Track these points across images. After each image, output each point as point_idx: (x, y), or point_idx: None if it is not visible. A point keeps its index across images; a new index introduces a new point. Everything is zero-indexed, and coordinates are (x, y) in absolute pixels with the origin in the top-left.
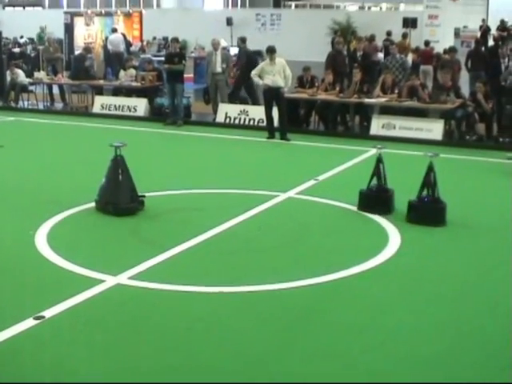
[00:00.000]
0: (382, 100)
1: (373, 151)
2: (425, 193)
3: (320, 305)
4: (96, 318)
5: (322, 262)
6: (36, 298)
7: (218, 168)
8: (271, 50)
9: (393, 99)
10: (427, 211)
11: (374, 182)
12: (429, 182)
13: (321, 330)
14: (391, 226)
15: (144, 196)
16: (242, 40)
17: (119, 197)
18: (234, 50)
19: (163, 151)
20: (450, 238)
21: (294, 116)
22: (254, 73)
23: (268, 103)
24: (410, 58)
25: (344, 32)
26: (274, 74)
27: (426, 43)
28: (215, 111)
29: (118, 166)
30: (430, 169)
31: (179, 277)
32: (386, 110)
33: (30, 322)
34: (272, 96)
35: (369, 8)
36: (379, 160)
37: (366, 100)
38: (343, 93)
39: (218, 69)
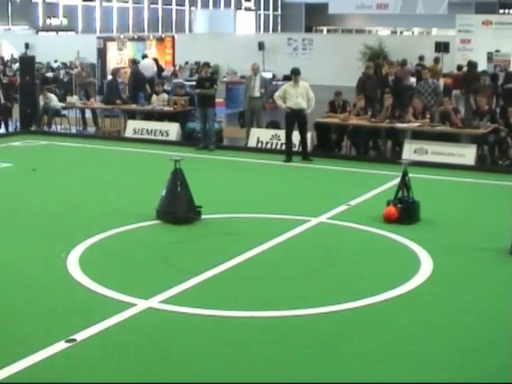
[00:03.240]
0: (414, 125)
1: None
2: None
3: (348, 332)
4: (127, 342)
5: (352, 288)
6: (68, 321)
7: (250, 192)
8: (295, 72)
9: (425, 124)
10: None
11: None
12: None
13: (347, 359)
14: (423, 251)
15: (201, 207)
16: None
17: (177, 207)
18: (267, 75)
19: (195, 176)
20: (482, 264)
21: (326, 141)
22: (277, 95)
23: (289, 126)
24: (441, 82)
25: (375, 56)
26: (297, 97)
27: (459, 68)
28: (248, 136)
29: (177, 178)
30: (405, 173)
31: (210, 301)
32: (418, 135)
33: (61, 345)
34: (294, 118)
35: (401, 32)
36: (405, 173)
37: (398, 125)
38: (375, 117)
39: (257, 93)
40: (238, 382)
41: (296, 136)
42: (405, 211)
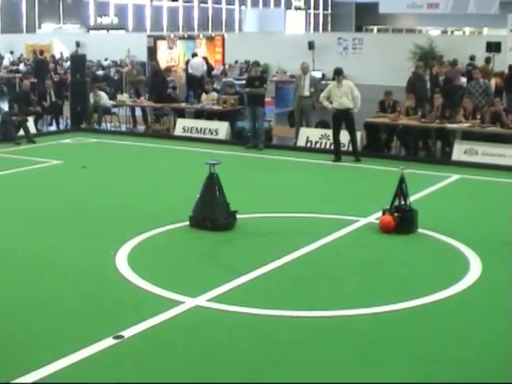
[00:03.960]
0: (465, 125)
1: (455, 177)
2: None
3: (395, 332)
4: (174, 340)
5: (400, 288)
6: (116, 318)
7: (298, 192)
8: (338, 72)
9: (475, 125)
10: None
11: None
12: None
13: (395, 360)
14: (472, 253)
15: (236, 211)
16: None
17: (217, 213)
18: (317, 74)
19: (243, 175)
20: None
21: (376, 141)
22: (322, 96)
23: (336, 126)
24: (492, 82)
25: (426, 56)
26: (341, 96)
27: (510, 68)
28: (298, 135)
29: (214, 182)
30: (402, 180)
31: (257, 300)
32: (468, 136)
33: (109, 341)
34: (341, 119)
35: (451, 32)
36: (402, 180)
37: (448, 125)
38: (425, 118)
39: (306, 92)
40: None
41: (345, 136)
42: (402, 220)
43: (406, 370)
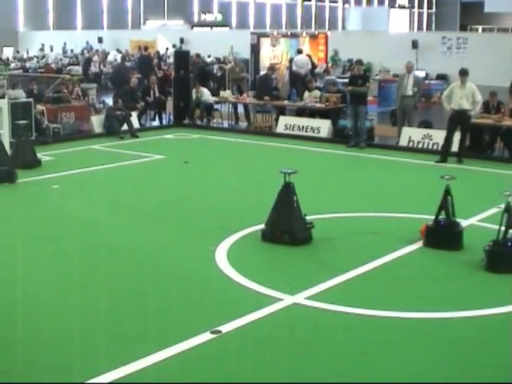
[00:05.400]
0: None
1: None
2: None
3: (494, 337)
4: (271, 336)
5: (496, 293)
6: (214, 313)
7: (398, 192)
8: (463, 73)
9: None
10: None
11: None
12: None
13: (491, 365)
14: None
15: (312, 223)
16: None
17: (295, 226)
18: (420, 74)
19: (344, 173)
20: None
21: (478, 142)
22: (444, 94)
23: (451, 127)
24: None
25: None
26: (461, 98)
27: None
28: (400, 134)
29: (291, 192)
30: (447, 192)
31: (355, 300)
32: None
33: (206, 336)
34: (458, 120)
35: None
36: (447, 192)
37: None
38: None
39: (409, 92)
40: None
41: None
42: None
43: (497, 375)
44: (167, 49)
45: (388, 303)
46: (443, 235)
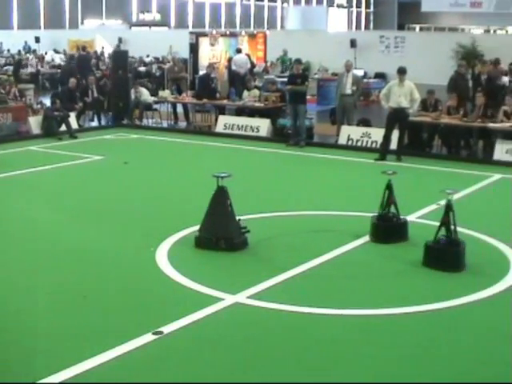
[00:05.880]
0: (507, 125)
1: (496, 177)
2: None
3: (438, 333)
4: (213, 336)
5: (444, 288)
6: (156, 314)
7: (338, 190)
8: (401, 71)
9: None
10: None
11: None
12: (446, 221)
13: (446, 359)
14: None
15: (246, 228)
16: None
17: (231, 231)
18: (359, 72)
19: (284, 172)
20: None
21: (417, 139)
22: (382, 92)
23: (390, 125)
24: None
25: (468, 55)
26: (400, 96)
27: None
28: (339, 133)
29: (226, 197)
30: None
31: (297, 298)
32: (510, 135)
33: (148, 337)
34: (396, 118)
35: (494, 31)
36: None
37: (490, 125)
38: (467, 117)
39: (348, 90)
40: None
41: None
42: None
43: (450, 370)
44: (103, 48)
45: (330, 301)
46: (393, 231)
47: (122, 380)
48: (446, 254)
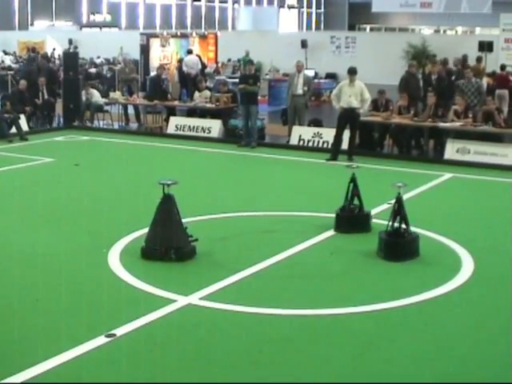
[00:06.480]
0: (457, 124)
1: (447, 176)
2: (396, 224)
3: (389, 331)
4: (167, 338)
5: (393, 287)
6: (108, 316)
7: (290, 190)
8: (351, 72)
9: (468, 124)
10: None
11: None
12: (398, 212)
13: (390, 358)
14: (464, 251)
15: (192, 236)
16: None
17: (181, 240)
18: (310, 73)
19: (235, 173)
20: None
21: (368, 139)
22: (333, 93)
23: (341, 125)
24: (484, 81)
25: (419, 55)
26: (350, 96)
27: (502, 67)
28: (290, 133)
29: (172, 205)
30: (353, 180)
31: (249, 299)
32: (460, 135)
33: (101, 340)
34: (347, 118)
35: (444, 31)
36: (353, 180)
37: (441, 124)
38: (418, 116)
39: (299, 91)
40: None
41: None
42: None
43: (401, 369)
44: (54, 49)
45: (282, 301)
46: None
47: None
48: (398, 244)
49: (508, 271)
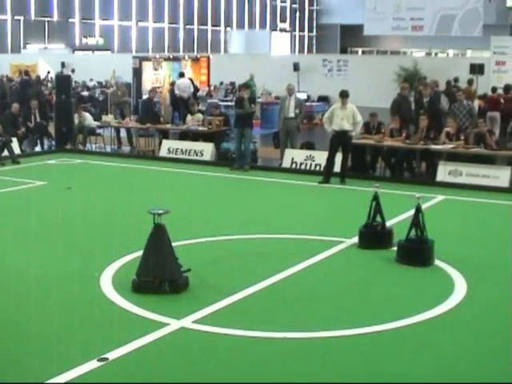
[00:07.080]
0: (449, 146)
1: (439, 198)
2: (413, 233)
3: (384, 353)
4: (160, 362)
5: (387, 309)
6: (100, 340)
7: (283, 213)
8: (343, 95)
9: (460, 146)
10: (414, 251)
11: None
12: (416, 222)
13: (386, 380)
14: (457, 273)
15: (182, 266)
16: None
17: (176, 272)
18: (302, 96)
19: (228, 196)
20: None
21: (360, 162)
22: (325, 116)
23: (333, 148)
24: (476, 104)
25: (411, 78)
26: (342, 119)
27: (493, 89)
28: (283, 156)
29: (164, 235)
30: (418, 210)
31: (243, 322)
32: (452, 157)
33: (93, 364)
34: (339, 141)
35: (435, 54)
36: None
37: (433, 146)
38: (409, 139)
39: (291, 114)
40: None
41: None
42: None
43: None
44: (48, 72)
45: (277, 324)
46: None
47: None
48: (416, 251)
49: (501, 292)
